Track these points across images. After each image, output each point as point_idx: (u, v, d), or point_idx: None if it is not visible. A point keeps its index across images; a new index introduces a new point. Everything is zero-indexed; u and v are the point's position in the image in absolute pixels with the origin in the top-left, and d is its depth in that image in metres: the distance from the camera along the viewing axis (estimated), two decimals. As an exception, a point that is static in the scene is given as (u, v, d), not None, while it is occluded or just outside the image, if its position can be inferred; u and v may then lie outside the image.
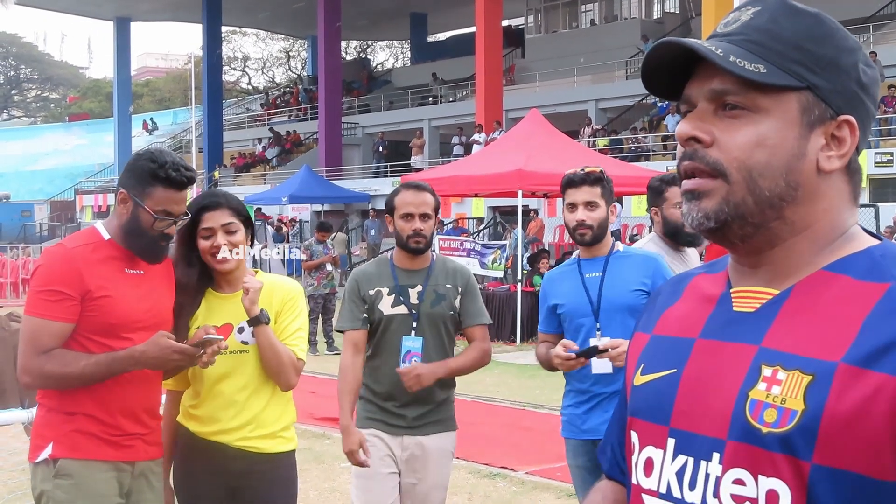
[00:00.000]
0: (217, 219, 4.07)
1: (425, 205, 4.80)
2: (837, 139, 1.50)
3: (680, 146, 1.55)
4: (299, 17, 55.99)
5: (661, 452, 1.54)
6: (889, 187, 25.84)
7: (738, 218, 1.50)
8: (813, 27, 1.50)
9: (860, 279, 1.43)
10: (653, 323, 1.71)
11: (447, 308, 4.83)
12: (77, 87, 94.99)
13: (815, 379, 1.37)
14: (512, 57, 47.66)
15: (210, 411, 4.11)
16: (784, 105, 1.48)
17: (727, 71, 1.46)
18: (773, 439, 1.38)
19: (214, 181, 47.12)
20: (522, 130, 21.13)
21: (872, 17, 37.19)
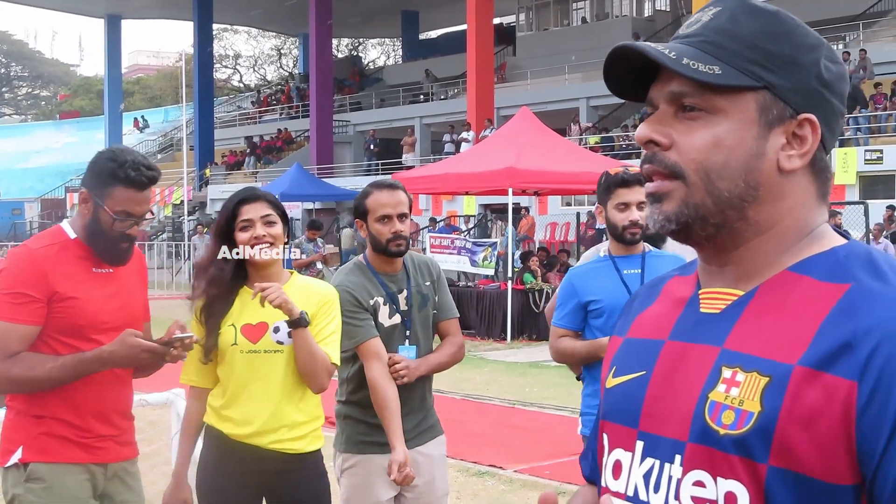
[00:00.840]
0: (256, 210, 4.05)
1: (402, 204, 4.48)
2: (799, 138, 1.48)
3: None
4: (291, 15, 55.93)
5: (630, 455, 1.54)
6: (879, 184, 25.88)
7: (699, 219, 1.49)
8: (770, 25, 1.49)
9: (822, 280, 1.43)
10: (627, 326, 1.71)
11: (431, 308, 4.65)
12: (68, 84, 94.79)
13: (772, 381, 1.37)
14: (503, 55, 47.69)
15: (243, 412, 4.05)
16: (741, 105, 1.47)
17: (681, 74, 1.46)
18: (729, 441, 1.38)
19: (205, 179, 47.09)
20: (513, 128, 21.13)
21: (862, 15, 37.26)
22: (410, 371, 4.44)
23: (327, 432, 4.29)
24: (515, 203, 22.33)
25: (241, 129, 56.19)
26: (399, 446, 4.24)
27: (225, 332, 4.06)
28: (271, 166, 46.52)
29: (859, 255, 1.45)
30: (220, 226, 4.10)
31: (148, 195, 3.85)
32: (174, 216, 44.85)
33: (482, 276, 20.55)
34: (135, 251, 4.09)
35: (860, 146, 26.34)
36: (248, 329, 4.05)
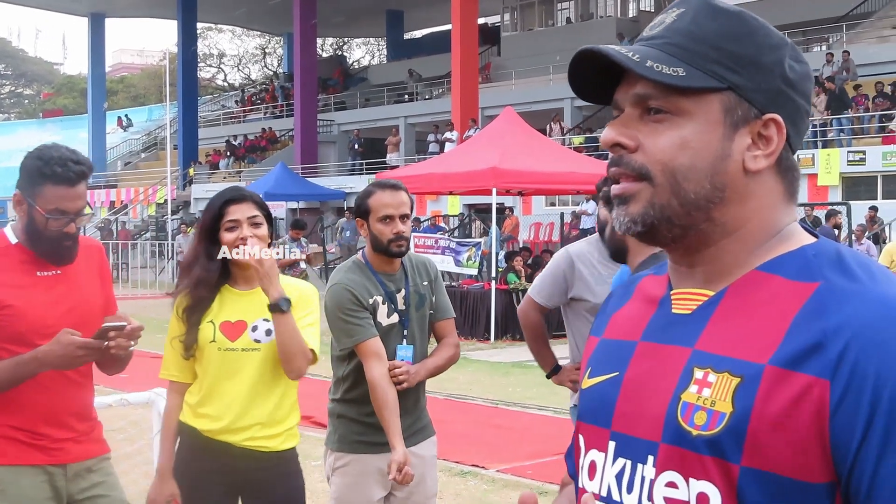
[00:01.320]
0: (243, 211, 4.07)
1: (404, 205, 4.49)
2: (764, 138, 1.48)
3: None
4: (275, 14, 55.86)
5: (603, 455, 1.54)
6: (861, 185, 26.00)
7: (665, 220, 1.49)
8: (733, 26, 1.49)
9: (791, 279, 1.43)
10: (603, 326, 1.71)
11: (428, 308, 4.64)
12: (51, 83, 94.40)
13: (743, 381, 1.37)
14: (488, 55, 47.75)
15: (217, 410, 4.07)
16: (706, 107, 1.47)
17: (644, 76, 1.46)
18: (702, 442, 1.38)
19: (189, 178, 46.98)
20: (497, 128, 21.13)
21: (845, 17, 37.42)
22: (411, 377, 4.44)
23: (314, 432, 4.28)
24: (499, 203, 22.34)
25: (226, 129, 56.09)
26: (399, 446, 4.23)
27: (204, 329, 4.07)
28: (255, 165, 46.44)
29: (828, 253, 1.45)
30: (206, 225, 4.10)
31: (80, 191, 3.76)
32: (158, 215, 44.76)
33: (466, 275, 20.56)
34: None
35: (843, 147, 26.46)
36: (227, 326, 4.07)
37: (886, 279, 1.41)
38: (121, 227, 42.75)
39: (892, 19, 35.82)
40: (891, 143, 25.93)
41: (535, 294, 5.45)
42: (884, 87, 28.31)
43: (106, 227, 41.60)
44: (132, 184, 52.29)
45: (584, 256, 5.35)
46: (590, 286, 5.25)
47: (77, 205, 3.75)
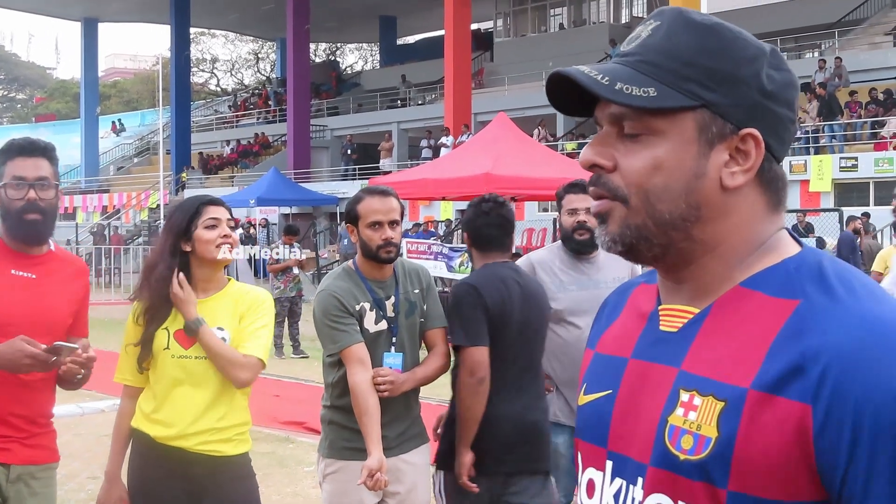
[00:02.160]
0: (222, 213, 4.19)
1: (393, 211, 4.50)
2: (742, 153, 1.46)
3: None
4: (268, 19, 55.86)
5: (602, 474, 1.54)
6: (853, 191, 26.05)
7: (643, 240, 1.48)
8: (707, 41, 1.46)
9: (773, 295, 1.41)
10: (597, 339, 1.70)
11: (419, 316, 4.63)
12: (44, 87, 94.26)
13: (727, 405, 1.36)
14: (481, 60, 47.77)
15: (170, 416, 4.11)
16: (680, 126, 1.45)
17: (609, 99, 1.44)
18: (690, 466, 1.37)
19: (182, 183, 46.94)
20: (490, 134, 21.10)
21: (837, 24, 37.52)
22: (395, 386, 4.43)
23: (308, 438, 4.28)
24: (492, 208, 22.30)
25: (219, 133, 56.08)
26: (375, 451, 4.23)
27: (158, 336, 4.13)
28: (248, 170, 46.43)
29: (810, 266, 1.43)
30: (178, 223, 4.16)
31: (40, 163, 3.90)
32: (150, 220, 44.67)
33: (458, 281, 20.52)
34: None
35: (835, 154, 26.51)
36: (181, 334, 4.11)
37: (867, 294, 1.38)
38: (113, 231, 42.69)
39: (883, 26, 35.91)
40: (883, 150, 26.00)
41: None
42: (877, 94, 28.38)
43: (99, 231, 41.53)
44: (125, 188, 52.22)
45: (545, 264, 5.37)
46: (552, 293, 5.26)
47: (36, 173, 3.86)
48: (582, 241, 5.33)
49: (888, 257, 13.02)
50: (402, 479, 4.53)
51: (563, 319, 5.28)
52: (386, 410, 4.41)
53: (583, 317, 5.24)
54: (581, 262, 5.39)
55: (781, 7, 44.07)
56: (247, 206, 36.33)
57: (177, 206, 4.28)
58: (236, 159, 49.08)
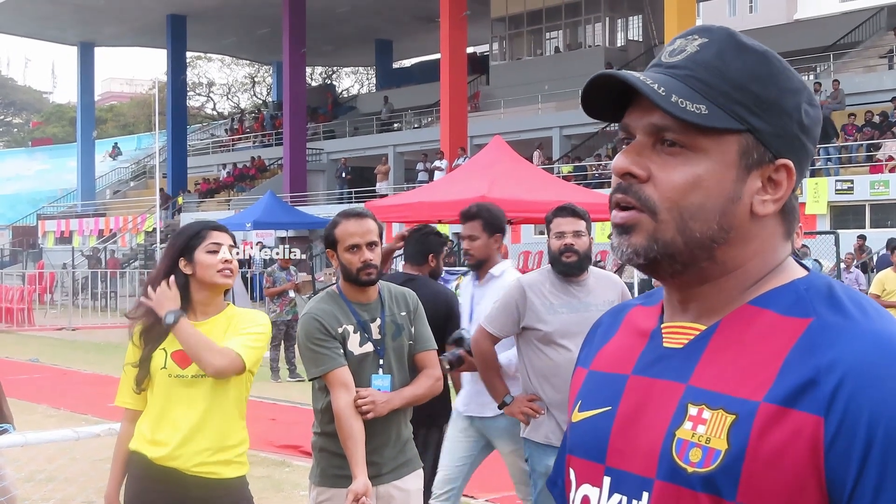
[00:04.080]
0: (225, 239, 4.25)
1: (370, 233, 4.46)
2: (774, 182, 1.47)
3: (615, 177, 1.52)
4: (265, 43, 55.97)
5: (598, 491, 1.53)
6: (849, 214, 26.09)
7: (668, 257, 1.47)
8: (758, 66, 1.46)
9: (783, 314, 1.42)
10: (591, 358, 1.69)
11: (407, 338, 4.60)
12: (40, 111, 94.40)
13: (738, 419, 1.36)
14: (477, 84, 47.86)
15: (168, 436, 4.12)
16: (723, 147, 1.45)
17: (669, 112, 1.42)
18: (697, 479, 1.37)
19: (178, 206, 46.95)
20: (486, 157, 21.13)
21: (833, 46, 37.65)
22: (377, 406, 4.38)
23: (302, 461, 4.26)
24: (488, 232, 22.31)
25: (215, 157, 56.12)
26: (360, 476, 4.22)
27: (156, 357, 4.16)
28: (244, 194, 46.44)
29: (819, 288, 1.45)
30: (179, 245, 4.21)
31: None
32: (147, 244, 44.65)
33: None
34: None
35: (831, 176, 26.57)
36: (179, 355, 4.14)
37: (878, 315, 1.40)
38: (110, 255, 42.65)
39: (879, 49, 36.06)
40: (878, 173, 26.05)
41: (488, 324, 5.49)
42: (873, 117, 28.46)
43: (93, 255, 41.49)
44: (121, 212, 52.21)
45: (535, 286, 5.40)
46: (541, 316, 5.34)
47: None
48: (569, 264, 5.37)
49: (886, 280, 13.05)
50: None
51: (553, 342, 5.32)
52: (376, 436, 4.40)
53: (573, 339, 5.26)
54: (571, 285, 5.42)
55: (777, 30, 44.26)
56: (243, 229, 36.34)
57: (181, 229, 4.33)
58: (232, 183, 49.09)
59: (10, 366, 17.64)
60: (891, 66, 33.49)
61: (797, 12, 71.83)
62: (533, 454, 5.45)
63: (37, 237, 55.38)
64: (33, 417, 11.93)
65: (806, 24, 39.70)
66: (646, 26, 45.70)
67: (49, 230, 54.76)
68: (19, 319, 28.05)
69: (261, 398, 14.05)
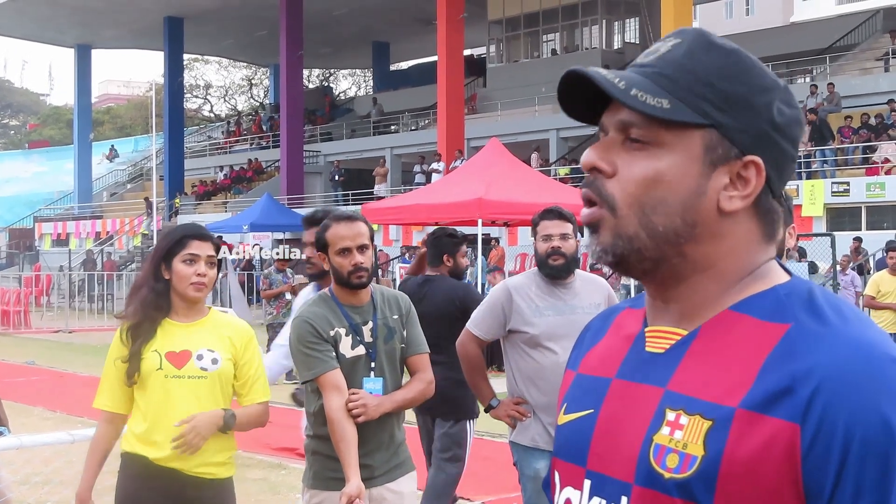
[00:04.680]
0: (204, 249, 4.25)
1: (361, 236, 4.46)
2: (743, 179, 1.46)
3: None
4: (262, 46, 55.97)
5: (579, 494, 1.53)
6: (845, 216, 26.10)
7: (635, 252, 1.47)
8: (727, 64, 1.47)
9: (763, 319, 1.42)
10: (579, 360, 1.70)
11: (399, 341, 4.59)
12: (37, 113, 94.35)
13: (714, 424, 1.36)
14: (474, 86, 47.88)
15: (166, 437, 4.17)
16: (686, 142, 1.45)
17: (626, 105, 1.44)
18: (674, 485, 1.37)
19: (175, 209, 46.95)
20: (483, 159, 21.16)
21: (829, 49, 37.67)
22: (368, 409, 4.37)
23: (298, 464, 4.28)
24: (485, 234, 22.35)
25: (212, 159, 56.09)
26: (353, 478, 4.23)
27: (149, 358, 4.20)
28: (241, 196, 46.43)
29: (800, 293, 1.44)
30: (161, 250, 4.27)
31: None
32: (143, 246, 44.63)
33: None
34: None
35: (827, 178, 26.60)
36: (172, 356, 4.21)
37: (857, 321, 1.39)
38: (106, 257, 42.63)
39: (874, 52, 36.08)
40: (874, 175, 26.08)
41: (474, 327, 5.50)
42: (869, 119, 28.49)
43: (89, 258, 41.46)
44: (118, 214, 52.20)
45: (522, 289, 5.42)
46: (527, 318, 5.36)
47: None
48: (556, 267, 5.38)
49: (881, 282, 13.08)
50: None
51: (539, 344, 5.32)
52: (369, 439, 4.41)
53: (559, 342, 5.28)
54: (557, 287, 5.43)
55: (773, 32, 44.28)
56: (240, 231, 36.31)
57: (165, 232, 4.37)
58: (230, 185, 49.07)
59: (7, 368, 17.64)
60: (887, 69, 33.49)
61: (793, 15, 71.91)
62: (521, 458, 5.46)
63: (33, 239, 55.36)
64: (30, 420, 11.93)
65: (802, 27, 39.71)
66: (643, 29, 45.69)
67: (46, 232, 54.74)
68: (16, 322, 28.03)
69: (257, 400, 14.03)
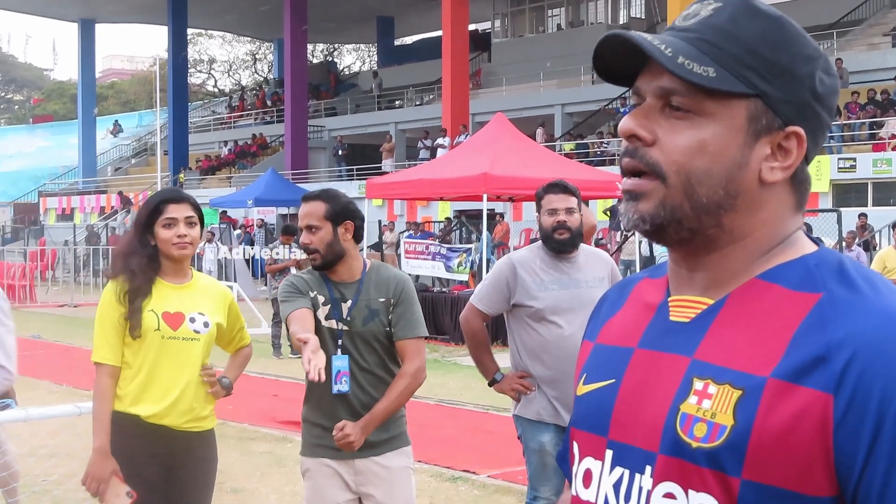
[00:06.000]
0: (181, 211, 4.42)
1: (308, 216, 4.46)
2: (784, 150, 1.44)
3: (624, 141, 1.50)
4: (266, 20, 55.84)
5: (600, 464, 1.52)
6: (852, 192, 26.06)
7: (674, 222, 1.45)
8: (771, 31, 1.44)
9: (793, 289, 1.40)
10: (597, 331, 1.68)
11: (380, 325, 4.48)
12: (41, 88, 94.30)
13: (744, 394, 1.34)
14: (479, 61, 47.78)
15: (160, 395, 4.39)
16: (731, 111, 1.43)
17: (673, 73, 1.40)
18: (702, 454, 1.36)
19: (180, 184, 46.94)
20: (488, 134, 21.11)
21: (836, 24, 37.52)
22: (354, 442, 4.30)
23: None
24: (490, 209, 22.33)
25: (216, 134, 56.07)
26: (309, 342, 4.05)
27: (147, 318, 4.37)
28: (246, 171, 46.41)
29: (830, 263, 1.42)
30: (142, 219, 4.46)
31: None
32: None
33: (456, 281, 20.52)
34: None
35: (833, 154, 26.52)
36: (168, 316, 4.41)
37: (889, 291, 1.38)
38: (111, 232, 42.65)
39: (882, 27, 35.94)
40: (881, 151, 26.01)
41: (478, 301, 5.49)
42: (875, 95, 28.40)
43: (92, 232, 41.45)
44: (122, 189, 52.22)
45: (526, 263, 5.41)
46: (532, 292, 5.35)
47: None
48: (561, 241, 5.36)
49: (886, 258, 13.06)
50: (376, 481, 4.50)
51: (543, 318, 5.32)
52: (347, 413, 4.42)
53: (563, 315, 5.28)
54: (561, 261, 5.41)
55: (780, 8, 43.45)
56: (244, 206, 36.33)
57: (145, 202, 4.55)
58: (234, 160, 49.05)
59: (12, 342, 17.68)
60: (894, 44, 33.35)
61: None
62: (525, 431, 5.46)
63: (38, 214, 55.39)
64: (36, 393, 11.95)
65: (809, 2, 39.49)
66: (648, 3, 45.61)
67: (50, 207, 54.76)
68: (21, 296, 28.08)
69: (263, 374, 14.09)
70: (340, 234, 4.45)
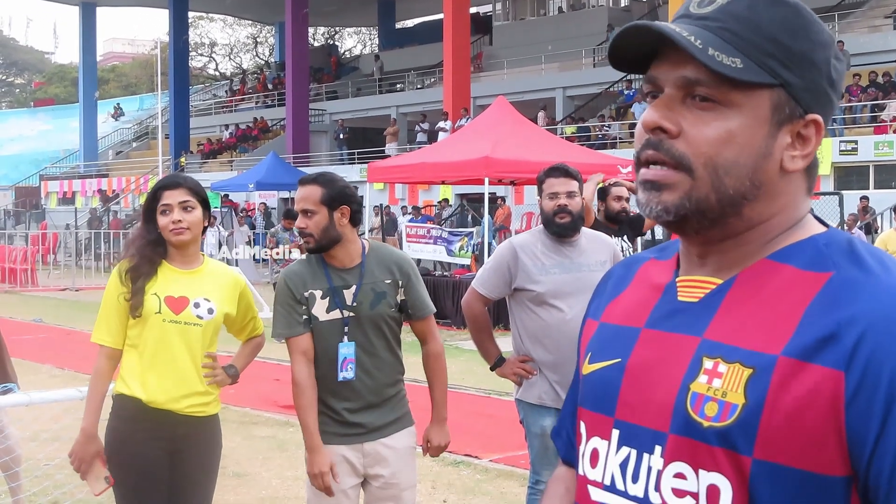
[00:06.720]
0: (175, 197, 4.39)
1: (304, 200, 4.44)
2: (803, 138, 1.45)
3: (643, 132, 1.49)
4: (267, 3, 55.76)
5: (606, 444, 1.52)
6: (853, 175, 26.04)
7: (698, 213, 1.45)
8: (790, 19, 1.43)
9: (803, 269, 1.41)
10: (601, 310, 1.68)
11: (388, 307, 4.48)
12: (42, 72, 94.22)
13: (755, 372, 1.35)
14: (480, 44, 47.68)
15: (161, 379, 4.37)
16: (756, 101, 1.42)
17: (705, 64, 1.40)
18: (713, 433, 1.36)
19: (181, 168, 46.91)
20: (489, 118, 21.08)
21: (838, 6, 37.43)
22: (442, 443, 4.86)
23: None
24: (492, 193, 22.32)
25: (217, 118, 56.00)
26: (313, 454, 4.34)
27: (149, 301, 4.36)
28: (247, 155, 46.38)
29: (839, 243, 1.43)
30: (145, 207, 4.49)
31: None
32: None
33: (458, 265, 20.53)
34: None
35: (835, 137, 26.49)
36: (171, 301, 4.39)
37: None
38: (112, 216, 42.64)
39: (884, 9, 35.85)
40: (883, 133, 25.98)
41: (479, 285, 5.49)
42: (877, 77, 28.34)
43: (93, 216, 41.44)
44: (123, 173, 52.20)
45: (527, 247, 5.40)
46: (533, 276, 5.34)
47: None
48: (563, 225, 5.35)
49: (888, 241, 13.05)
50: (384, 462, 4.51)
51: (545, 302, 5.31)
52: (356, 400, 4.44)
53: (565, 299, 5.28)
54: (563, 245, 5.41)
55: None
56: (246, 190, 36.30)
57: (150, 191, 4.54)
58: (235, 143, 49.00)
59: (14, 326, 17.69)
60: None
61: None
62: (527, 415, 5.46)
63: (40, 197, 55.38)
64: (38, 377, 11.96)
65: (811, -16, 39.50)
66: (649, -14, 45.44)
67: (52, 190, 54.75)
68: (23, 280, 28.10)
69: (265, 359, 14.07)
70: (336, 219, 4.42)
